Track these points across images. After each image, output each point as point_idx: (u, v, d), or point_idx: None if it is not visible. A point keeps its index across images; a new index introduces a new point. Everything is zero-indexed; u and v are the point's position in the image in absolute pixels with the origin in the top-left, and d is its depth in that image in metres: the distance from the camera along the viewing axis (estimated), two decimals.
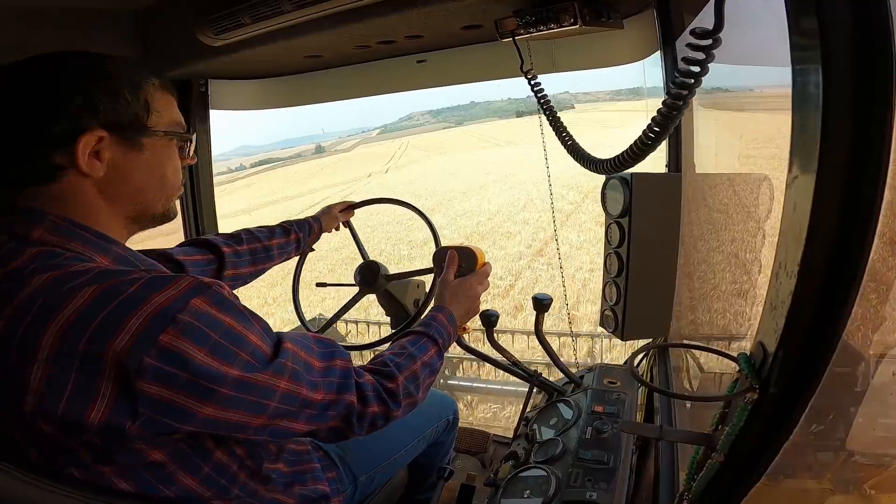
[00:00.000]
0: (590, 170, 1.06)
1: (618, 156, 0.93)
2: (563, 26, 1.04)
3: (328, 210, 1.49)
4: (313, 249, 1.48)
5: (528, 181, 19.10)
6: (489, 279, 1.11)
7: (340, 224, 1.53)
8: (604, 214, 1.35)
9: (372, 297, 1.54)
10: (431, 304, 1.04)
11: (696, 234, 1.27)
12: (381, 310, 1.59)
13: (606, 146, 1.20)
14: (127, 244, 0.72)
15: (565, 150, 1.14)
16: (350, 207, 1.53)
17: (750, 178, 1.08)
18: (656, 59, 1.31)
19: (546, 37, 1.10)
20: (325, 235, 1.51)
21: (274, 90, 1.71)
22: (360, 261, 1.53)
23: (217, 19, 1.14)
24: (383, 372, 0.80)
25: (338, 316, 1.58)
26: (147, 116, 0.69)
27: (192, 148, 0.79)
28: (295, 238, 1.35)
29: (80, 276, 0.58)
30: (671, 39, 1.23)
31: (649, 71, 1.46)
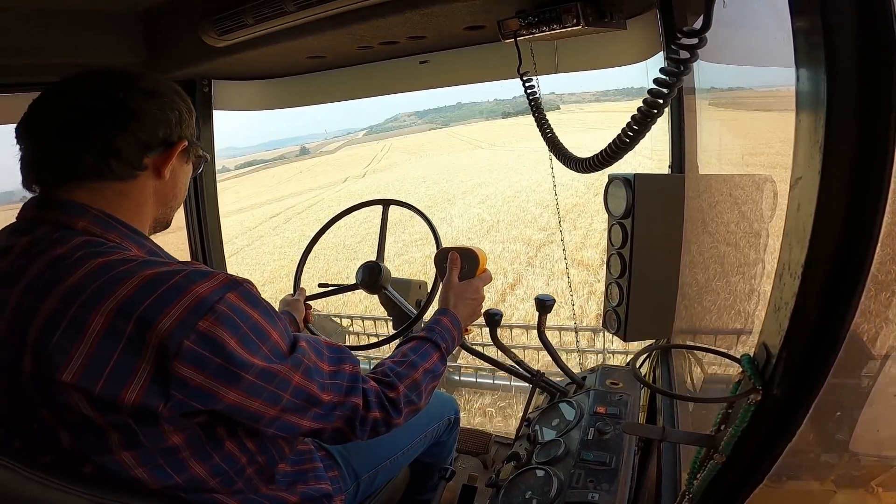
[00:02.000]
0: (570, 168, 1.07)
1: (596, 154, 0.94)
2: (566, 27, 1.04)
3: (285, 304, 1.37)
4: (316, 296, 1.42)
5: (498, 196, 17.29)
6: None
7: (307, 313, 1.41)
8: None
9: (374, 296, 1.54)
10: (435, 306, 1.04)
11: (699, 235, 1.27)
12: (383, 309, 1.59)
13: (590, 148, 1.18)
14: None
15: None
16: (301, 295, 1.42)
17: (753, 179, 1.08)
18: (659, 59, 1.31)
19: (549, 37, 1.11)
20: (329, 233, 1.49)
21: (277, 91, 1.72)
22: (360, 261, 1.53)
23: (221, 20, 1.14)
24: (384, 381, 0.82)
25: (329, 293, 1.52)
26: (196, 136, 0.81)
27: (203, 166, 0.89)
28: None
29: (127, 263, 0.63)
30: (674, 40, 1.23)
31: (652, 72, 1.46)
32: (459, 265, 1.09)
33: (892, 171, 0.39)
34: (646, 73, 1.45)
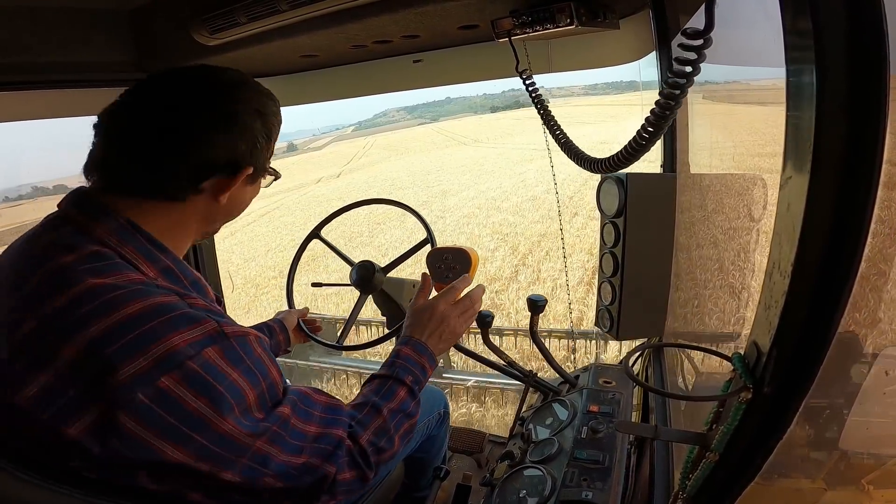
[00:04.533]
0: (584, 168, 1.07)
1: (613, 156, 0.93)
2: (560, 26, 1.04)
3: (282, 316, 1.36)
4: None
5: (456, 209, 14.68)
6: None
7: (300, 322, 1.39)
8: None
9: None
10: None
11: (691, 234, 1.28)
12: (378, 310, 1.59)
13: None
14: None
15: (560, 148, 1.14)
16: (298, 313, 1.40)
17: (744, 179, 1.09)
18: (652, 59, 1.31)
19: (542, 37, 1.11)
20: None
21: (270, 90, 1.71)
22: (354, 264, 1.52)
23: (212, 18, 1.13)
24: (349, 433, 0.74)
25: (351, 323, 1.51)
26: (270, 159, 0.78)
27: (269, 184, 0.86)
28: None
29: (117, 290, 0.60)
30: (666, 40, 1.24)
31: (645, 71, 1.47)
32: (428, 288, 1.01)
33: (880, 171, 0.40)
34: (638, 70, 1.46)
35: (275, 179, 0.83)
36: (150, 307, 0.59)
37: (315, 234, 1.54)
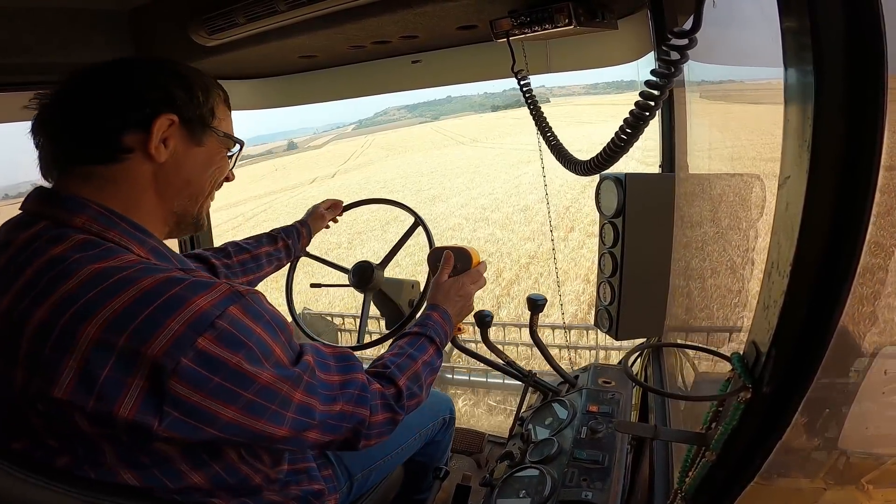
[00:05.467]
0: (569, 170, 1.08)
1: (593, 157, 0.94)
2: (558, 27, 1.04)
3: (314, 210, 1.49)
4: (307, 254, 1.47)
5: (443, 219, 13.70)
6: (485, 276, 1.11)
7: (329, 222, 1.52)
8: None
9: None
10: (425, 305, 1.04)
11: (690, 234, 1.28)
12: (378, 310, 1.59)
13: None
14: None
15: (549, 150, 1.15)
16: (335, 206, 1.52)
17: (742, 179, 1.09)
18: (650, 59, 1.31)
19: (541, 37, 1.11)
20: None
21: (268, 90, 1.71)
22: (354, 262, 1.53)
23: (211, 19, 1.13)
24: (385, 375, 0.82)
25: (364, 324, 1.54)
26: (211, 118, 0.77)
27: (237, 155, 0.85)
28: (283, 245, 1.35)
29: (125, 270, 0.60)
30: (664, 40, 1.24)
31: (643, 72, 1.46)
32: (452, 264, 1.09)
33: (879, 171, 0.40)
34: (636, 69, 1.47)
35: (239, 148, 0.83)
36: (163, 279, 0.60)
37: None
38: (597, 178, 1.17)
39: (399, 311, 1.53)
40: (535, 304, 1.19)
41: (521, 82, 1.21)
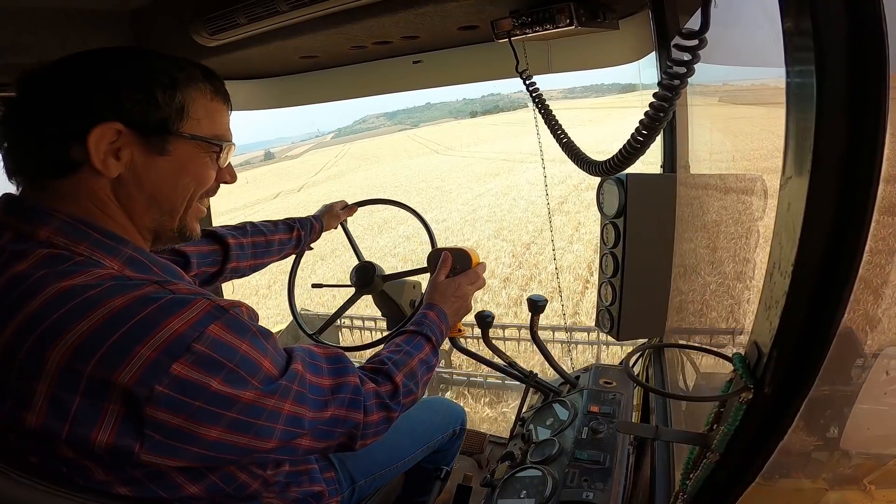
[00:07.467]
0: (584, 171, 1.07)
1: (610, 158, 0.94)
2: (559, 27, 1.04)
3: (329, 208, 1.49)
4: (311, 248, 1.47)
5: (381, 258, 11.76)
6: (483, 276, 1.11)
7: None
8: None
9: (368, 297, 1.53)
10: (422, 304, 1.04)
11: (691, 235, 1.28)
12: (377, 310, 1.59)
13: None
14: None
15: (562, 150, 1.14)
16: (350, 206, 1.53)
17: (744, 179, 1.09)
18: (651, 59, 1.31)
19: (542, 37, 1.11)
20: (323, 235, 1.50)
21: (269, 91, 1.71)
22: (356, 262, 1.53)
23: (212, 19, 1.13)
24: (382, 371, 0.81)
25: (334, 317, 1.58)
26: (179, 120, 0.65)
27: (226, 158, 0.73)
28: (297, 235, 1.34)
29: (93, 289, 0.55)
30: (666, 40, 1.24)
31: (644, 72, 1.47)
32: (450, 265, 1.09)
33: (881, 171, 0.40)
34: (638, 71, 1.46)
35: (220, 150, 0.71)
36: (134, 299, 0.55)
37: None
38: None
39: (400, 312, 1.53)
40: (536, 305, 1.19)
41: (527, 82, 1.20)
